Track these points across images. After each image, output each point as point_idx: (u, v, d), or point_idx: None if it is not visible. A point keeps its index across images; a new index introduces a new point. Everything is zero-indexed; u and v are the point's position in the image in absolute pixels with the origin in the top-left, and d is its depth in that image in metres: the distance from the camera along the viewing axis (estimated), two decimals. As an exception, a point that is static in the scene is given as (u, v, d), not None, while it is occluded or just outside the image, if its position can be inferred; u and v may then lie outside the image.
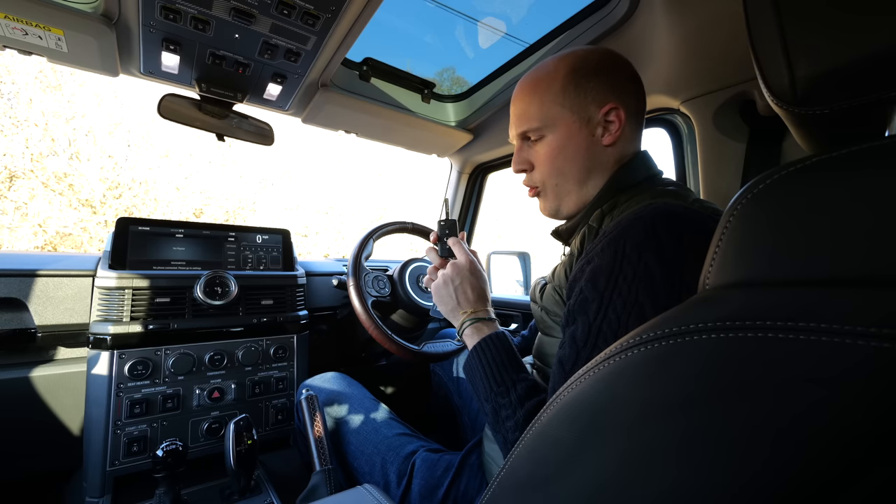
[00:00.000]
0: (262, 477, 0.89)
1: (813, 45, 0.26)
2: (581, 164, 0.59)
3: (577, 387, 0.31)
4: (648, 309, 0.41)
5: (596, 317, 0.44)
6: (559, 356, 0.48)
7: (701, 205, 0.49)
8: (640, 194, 0.54)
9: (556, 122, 0.58)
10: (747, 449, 0.20)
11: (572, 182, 0.60)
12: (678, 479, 0.22)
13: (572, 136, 0.58)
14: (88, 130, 5.01)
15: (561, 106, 0.58)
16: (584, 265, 0.49)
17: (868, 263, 0.21)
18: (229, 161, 6.29)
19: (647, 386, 0.25)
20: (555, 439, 0.31)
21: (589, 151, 0.58)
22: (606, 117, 0.57)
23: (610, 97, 0.57)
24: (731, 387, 0.21)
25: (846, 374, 0.18)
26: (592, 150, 0.58)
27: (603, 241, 0.48)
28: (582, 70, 0.57)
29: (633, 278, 0.42)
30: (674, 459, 0.22)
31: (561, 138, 0.59)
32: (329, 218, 7.22)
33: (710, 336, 0.23)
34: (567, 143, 0.58)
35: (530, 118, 0.60)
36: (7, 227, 4.38)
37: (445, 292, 0.69)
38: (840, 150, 0.24)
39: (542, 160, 0.61)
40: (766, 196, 0.26)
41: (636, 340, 0.27)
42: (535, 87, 0.60)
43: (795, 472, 0.18)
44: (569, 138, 0.58)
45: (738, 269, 0.26)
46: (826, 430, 0.18)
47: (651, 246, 0.42)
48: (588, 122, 0.58)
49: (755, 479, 0.19)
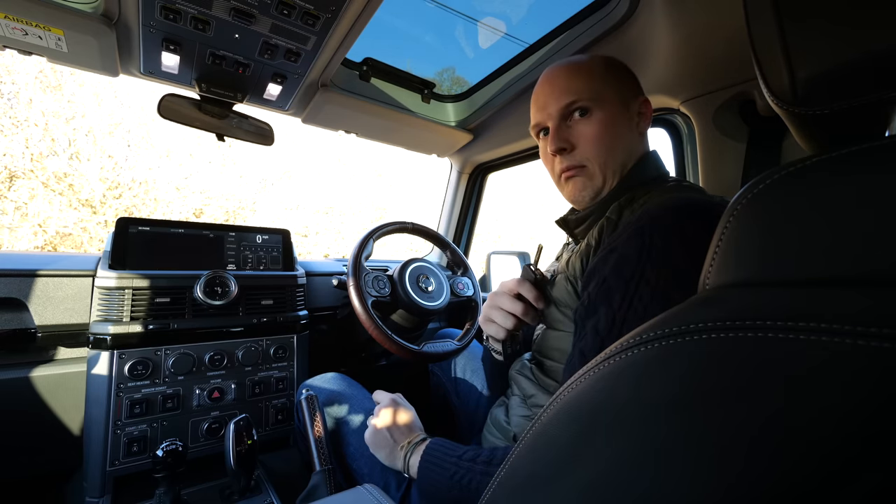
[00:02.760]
0: (262, 477, 0.89)
1: (813, 45, 0.26)
2: (623, 146, 0.61)
3: (577, 386, 0.31)
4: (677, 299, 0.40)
5: (621, 306, 0.44)
6: (581, 348, 0.48)
7: (722, 199, 0.51)
8: (657, 189, 0.55)
9: (605, 99, 0.60)
10: (748, 449, 0.20)
11: (618, 163, 0.61)
12: (680, 479, 0.22)
13: (616, 117, 0.60)
14: (88, 130, 5.00)
15: (607, 84, 0.60)
16: (607, 254, 0.49)
17: (868, 263, 0.21)
18: (229, 161, 6.29)
19: (647, 386, 0.25)
20: (555, 439, 0.31)
21: (628, 137, 0.61)
22: (640, 108, 0.60)
23: (641, 92, 0.61)
24: (731, 387, 0.21)
25: (846, 375, 0.18)
26: (630, 136, 0.61)
27: (629, 231, 0.48)
28: (616, 64, 0.62)
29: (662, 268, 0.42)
30: (674, 459, 0.22)
31: (609, 116, 0.60)
32: (329, 218, 7.22)
33: (710, 336, 0.23)
34: (613, 123, 0.60)
35: (579, 90, 0.60)
36: (7, 227, 4.38)
37: (381, 436, 0.70)
38: (840, 150, 0.24)
39: (590, 137, 0.60)
40: (765, 196, 0.26)
41: (636, 340, 0.27)
42: (579, 67, 0.61)
43: (795, 472, 0.18)
44: (614, 118, 0.60)
45: (738, 269, 0.26)
46: (826, 430, 0.18)
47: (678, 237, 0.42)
48: (628, 108, 0.61)
49: (755, 478, 0.19)
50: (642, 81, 0.85)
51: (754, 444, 0.20)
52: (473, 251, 1.70)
